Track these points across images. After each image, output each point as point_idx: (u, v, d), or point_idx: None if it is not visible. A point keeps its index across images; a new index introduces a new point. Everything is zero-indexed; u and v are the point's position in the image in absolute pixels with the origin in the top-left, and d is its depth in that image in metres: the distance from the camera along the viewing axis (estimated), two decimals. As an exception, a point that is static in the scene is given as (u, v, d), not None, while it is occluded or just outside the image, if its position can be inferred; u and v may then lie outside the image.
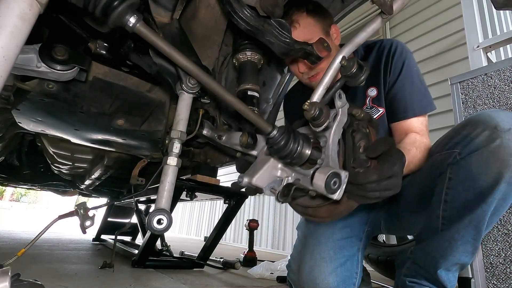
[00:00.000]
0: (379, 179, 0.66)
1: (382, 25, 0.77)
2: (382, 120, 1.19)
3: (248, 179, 0.81)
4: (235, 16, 0.82)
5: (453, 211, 0.91)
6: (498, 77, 1.46)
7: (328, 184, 0.63)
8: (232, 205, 2.24)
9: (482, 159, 0.84)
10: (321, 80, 0.78)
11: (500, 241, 1.31)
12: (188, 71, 0.72)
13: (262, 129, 0.73)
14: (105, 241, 3.35)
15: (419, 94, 1.13)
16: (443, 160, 0.94)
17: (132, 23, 0.63)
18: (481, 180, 0.84)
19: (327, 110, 0.69)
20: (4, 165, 2.64)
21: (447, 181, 0.92)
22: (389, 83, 1.16)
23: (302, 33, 1.09)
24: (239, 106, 0.74)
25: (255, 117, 0.74)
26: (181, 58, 0.70)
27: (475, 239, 0.89)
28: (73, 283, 1.42)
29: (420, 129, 1.11)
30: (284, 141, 0.71)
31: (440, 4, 3.29)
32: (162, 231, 0.68)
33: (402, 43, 1.19)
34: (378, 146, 0.70)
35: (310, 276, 1.12)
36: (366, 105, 1.21)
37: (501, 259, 1.29)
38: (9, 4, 0.47)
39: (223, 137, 1.12)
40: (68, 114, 1.30)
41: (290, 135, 0.72)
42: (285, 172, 0.81)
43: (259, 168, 0.82)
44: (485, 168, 0.84)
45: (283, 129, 0.73)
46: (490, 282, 1.30)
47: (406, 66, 1.14)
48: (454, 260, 0.92)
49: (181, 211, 8.51)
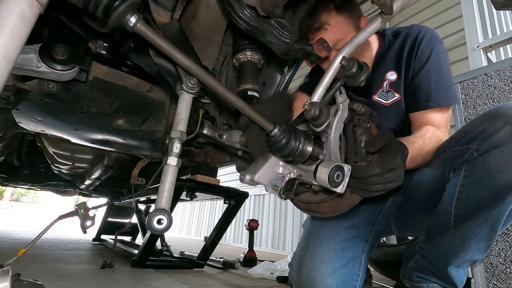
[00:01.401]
0: (381, 172, 0.66)
1: (382, 25, 0.77)
2: (396, 107, 1.14)
3: (250, 176, 0.81)
4: (235, 16, 0.82)
5: (467, 209, 0.86)
6: (498, 77, 1.46)
7: (332, 177, 0.63)
8: (232, 205, 2.24)
9: (503, 157, 0.78)
10: (321, 80, 0.77)
11: (500, 241, 1.31)
12: (189, 70, 0.72)
13: (263, 127, 0.74)
14: (105, 241, 3.35)
15: (445, 84, 1.07)
16: (457, 156, 0.89)
17: (133, 23, 0.64)
18: (500, 178, 0.79)
19: (327, 110, 0.69)
20: (4, 165, 2.64)
21: (462, 178, 0.87)
22: (413, 70, 1.10)
23: (333, 34, 1.05)
24: (240, 105, 0.75)
25: (256, 116, 0.74)
26: (182, 57, 0.70)
27: (489, 238, 0.85)
28: (73, 283, 1.42)
29: (439, 122, 1.04)
30: (286, 140, 0.72)
31: (440, 4, 3.29)
32: (162, 231, 0.68)
33: (432, 31, 1.14)
34: (377, 140, 0.69)
35: (309, 277, 1.11)
36: (383, 88, 1.17)
37: (501, 259, 1.29)
38: (9, 4, 0.47)
39: (223, 136, 1.12)
40: (68, 114, 1.30)
41: (291, 134, 0.73)
42: (287, 169, 0.82)
43: (260, 165, 0.82)
44: (505, 166, 0.78)
45: (284, 127, 0.73)
46: (490, 282, 1.30)
47: (434, 54, 1.08)
48: (466, 258, 0.90)
49: (181, 211, 8.50)
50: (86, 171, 2.56)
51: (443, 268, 0.93)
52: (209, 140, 1.24)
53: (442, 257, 0.93)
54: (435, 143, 0.99)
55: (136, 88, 1.25)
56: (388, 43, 1.21)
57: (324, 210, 0.79)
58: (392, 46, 1.19)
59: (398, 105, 1.14)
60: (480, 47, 1.81)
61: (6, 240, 2.93)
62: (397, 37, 1.20)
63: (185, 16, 1.06)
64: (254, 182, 0.82)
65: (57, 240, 3.29)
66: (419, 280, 1.00)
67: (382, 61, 1.20)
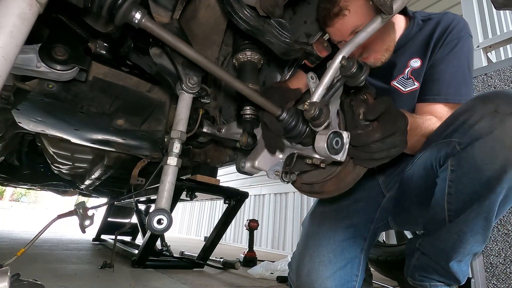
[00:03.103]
0: (382, 136, 0.65)
1: (382, 25, 0.77)
2: (413, 96, 1.10)
3: (251, 163, 0.82)
4: (235, 16, 0.82)
5: (459, 203, 0.85)
6: (498, 77, 1.46)
7: (330, 144, 0.63)
8: (232, 205, 2.24)
9: (486, 148, 0.77)
10: (321, 80, 0.77)
11: (500, 241, 1.31)
12: (196, 61, 0.73)
13: (272, 112, 0.76)
14: (105, 241, 3.35)
15: (459, 81, 1.03)
16: (441, 149, 0.88)
17: (138, 19, 0.65)
18: (487, 170, 0.78)
19: (327, 110, 0.69)
20: (4, 165, 2.64)
21: (450, 173, 0.86)
22: (434, 59, 1.07)
23: (353, 19, 0.99)
24: (248, 92, 0.76)
25: (264, 101, 0.76)
26: (188, 49, 0.71)
27: (485, 230, 0.84)
28: (73, 283, 1.42)
29: (442, 116, 0.99)
30: (294, 122, 0.74)
31: (440, 4, 3.29)
32: (162, 231, 0.68)
33: (465, 22, 1.10)
34: (375, 107, 0.68)
35: (308, 280, 1.11)
36: (403, 75, 1.13)
37: (501, 259, 1.29)
38: (8, 4, 0.47)
39: (222, 130, 1.12)
40: (68, 114, 1.30)
41: (299, 116, 0.75)
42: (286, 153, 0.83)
43: (260, 151, 0.83)
44: (490, 157, 0.77)
45: (292, 111, 0.76)
46: (490, 282, 1.30)
47: (458, 47, 1.04)
48: (465, 252, 0.89)
49: (181, 211, 8.50)
50: (86, 171, 2.56)
51: (445, 264, 0.92)
52: (209, 138, 1.25)
53: (442, 253, 0.93)
54: (432, 130, 0.94)
55: (136, 88, 1.25)
56: (417, 27, 1.15)
57: (328, 189, 0.78)
58: (420, 32, 1.14)
59: (415, 95, 1.10)
60: (480, 47, 1.81)
61: (6, 240, 2.93)
62: (427, 22, 1.14)
63: (185, 16, 1.06)
64: (255, 169, 0.82)
65: (57, 240, 3.29)
66: (421, 279, 1.00)
67: (407, 46, 1.15)
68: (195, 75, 0.85)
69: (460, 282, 0.95)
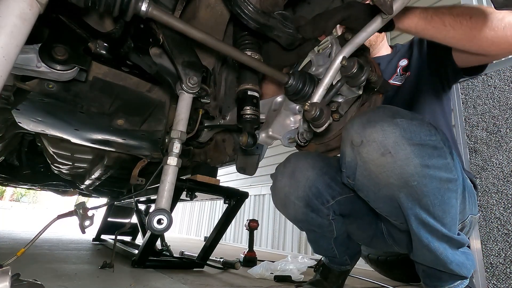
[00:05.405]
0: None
1: (382, 25, 0.77)
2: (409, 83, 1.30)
3: (265, 133, 0.87)
4: (244, 17, 0.85)
5: (394, 220, 0.94)
6: (498, 77, 1.46)
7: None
8: (232, 205, 2.24)
9: (367, 176, 0.84)
10: (321, 80, 0.78)
11: (500, 241, 1.31)
12: (206, 43, 0.76)
13: (280, 80, 0.84)
14: (105, 241, 3.35)
15: None
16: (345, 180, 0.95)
17: (145, 8, 0.68)
18: (381, 191, 0.84)
19: (328, 111, 0.69)
20: (4, 165, 2.63)
21: (368, 203, 0.95)
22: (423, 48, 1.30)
23: None
24: (255, 64, 0.82)
25: (271, 70, 0.83)
26: (197, 33, 0.74)
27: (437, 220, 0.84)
28: (73, 283, 1.42)
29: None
30: (302, 83, 0.83)
31: (440, 4, 3.29)
32: (162, 231, 0.68)
33: None
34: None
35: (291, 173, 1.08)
36: (397, 74, 1.37)
37: (501, 259, 1.29)
38: (9, 4, 0.47)
39: (227, 117, 1.16)
40: (68, 114, 1.30)
41: (305, 77, 0.83)
42: (298, 117, 0.89)
43: (271, 121, 0.88)
44: (375, 182, 0.83)
45: (298, 73, 0.84)
46: (490, 282, 1.30)
47: None
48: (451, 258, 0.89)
49: (181, 211, 8.50)
50: (86, 171, 2.56)
51: (443, 267, 0.92)
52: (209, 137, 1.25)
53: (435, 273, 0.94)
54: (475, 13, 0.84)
55: (136, 88, 1.25)
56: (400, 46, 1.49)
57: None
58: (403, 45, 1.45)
59: (410, 80, 1.29)
60: (480, 47, 1.80)
61: (6, 240, 2.93)
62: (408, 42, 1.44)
63: (185, 16, 1.06)
64: (269, 138, 0.87)
65: (57, 240, 3.29)
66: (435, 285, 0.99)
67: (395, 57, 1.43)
68: (195, 75, 0.86)
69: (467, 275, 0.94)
